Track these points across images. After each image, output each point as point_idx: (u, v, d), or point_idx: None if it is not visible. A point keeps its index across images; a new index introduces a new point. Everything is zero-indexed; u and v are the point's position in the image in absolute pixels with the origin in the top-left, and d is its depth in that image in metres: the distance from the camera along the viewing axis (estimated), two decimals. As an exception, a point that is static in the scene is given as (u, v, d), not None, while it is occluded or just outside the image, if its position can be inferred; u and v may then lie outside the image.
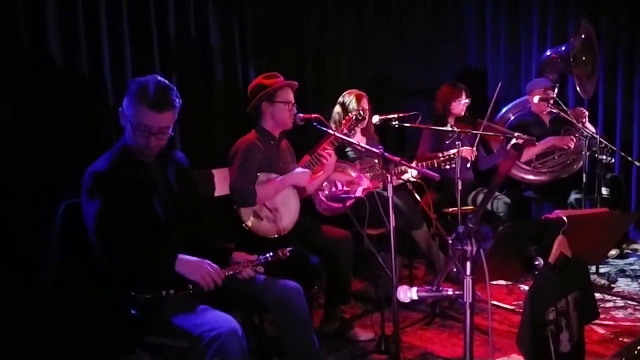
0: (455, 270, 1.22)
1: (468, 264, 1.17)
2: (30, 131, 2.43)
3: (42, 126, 2.48)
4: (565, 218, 1.57)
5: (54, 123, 2.52)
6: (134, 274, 1.72)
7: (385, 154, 2.14)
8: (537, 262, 1.57)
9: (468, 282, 1.18)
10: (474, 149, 3.30)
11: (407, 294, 1.36)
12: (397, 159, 2.14)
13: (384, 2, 4.25)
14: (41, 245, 2.18)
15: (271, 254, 1.94)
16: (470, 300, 1.18)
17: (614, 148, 3.36)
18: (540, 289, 1.57)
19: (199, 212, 2.05)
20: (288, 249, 1.96)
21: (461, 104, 3.50)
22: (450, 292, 1.31)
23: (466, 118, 3.55)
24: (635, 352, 1.34)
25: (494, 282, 3.22)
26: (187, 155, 2.10)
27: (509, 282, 3.28)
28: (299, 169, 2.63)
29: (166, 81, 1.81)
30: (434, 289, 1.32)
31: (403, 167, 2.96)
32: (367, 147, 2.56)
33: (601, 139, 3.29)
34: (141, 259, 1.73)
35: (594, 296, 1.82)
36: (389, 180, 2.10)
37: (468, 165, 3.31)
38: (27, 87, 2.43)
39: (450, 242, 1.19)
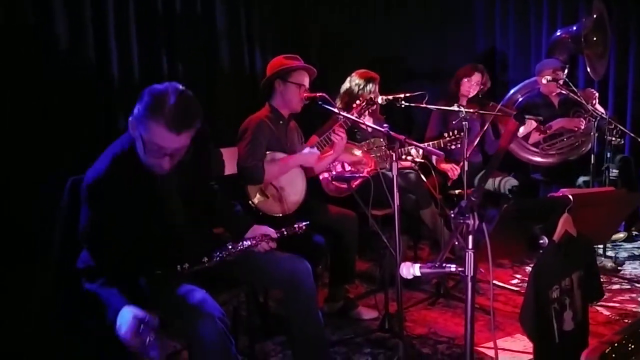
0: (457, 244, 1.22)
1: (470, 237, 1.17)
2: (32, 123, 2.44)
3: (44, 116, 2.49)
4: (570, 196, 1.56)
5: (56, 113, 2.53)
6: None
7: (391, 132, 2.13)
8: (541, 241, 1.57)
9: (470, 255, 1.18)
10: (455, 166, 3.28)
11: (409, 270, 1.36)
12: (402, 137, 2.14)
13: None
14: (41, 245, 2.14)
15: (287, 228, 1.94)
16: (472, 274, 1.18)
17: (624, 129, 3.31)
18: (545, 267, 1.57)
19: (209, 190, 1.99)
20: (304, 222, 1.95)
21: (471, 84, 3.45)
22: (452, 268, 1.31)
23: (478, 100, 3.51)
24: (639, 329, 1.33)
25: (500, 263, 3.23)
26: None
27: (515, 264, 3.29)
28: (307, 149, 2.64)
29: (188, 92, 1.56)
30: (436, 265, 1.32)
31: (409, 148, 2.96)
32: (374, 126, 2.56)
33: (611, 120, 3.25)
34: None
35: (599, 276, 1.81)
36: (394, 159, 2.09)
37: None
38: (29, 76, 2.43)
39: (452, 216, 1.18)
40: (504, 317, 2.59)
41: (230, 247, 1.84)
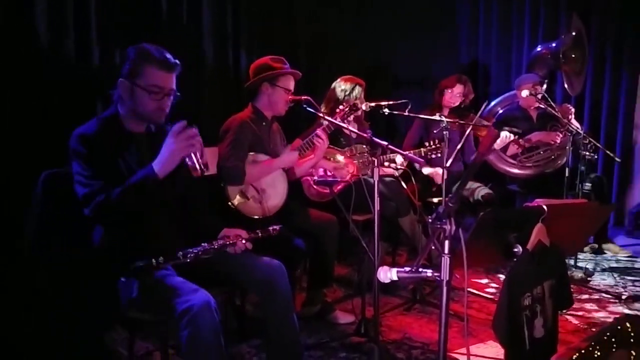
0: (434, 248, 1.24)
1: (446, 242, 1.19)
2: (33, 123, 2.42)
3: (44, 116, 2.46)
4: (545, 206, 1.60)
5: (56, 113, 2.50)
6: (119, 210, 1.70)
7: (374, 138, 2.16)
8: (516, 250, 1.61)
9: (445, 260, 1.20)
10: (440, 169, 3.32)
11: (387, 274, 1.38)
12: (384, 143, 2.16)
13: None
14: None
15: (261, 229, 1.95)
16: (447, 279, 1.21)
17: (598, 145, 3.41)
18: (518, 275, 1.60)
19: (189, 188, 2.01)
20: (278, 226, 1.97)
21: (453, 95, 3.51)
22: (429, 273, 1.33)
23: (459, 111, 3.57)
24: (605, 337, 1.38)
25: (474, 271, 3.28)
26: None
27: (489, 272, 3.35)
28: (286, 152, 2.64)
29: None
30: (413, 270, 1.34)
31: (393, 156, 3.00)
32: (357, 132, 2.58)
33: (585, 135, 3.35)
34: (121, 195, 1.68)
35: (569, 285, 1.86)
36: (376, 164, 2.12)
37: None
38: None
39: (430, 221, 1.21)
40: (478, 324, 2.63)
41: (205, 244, 1.84)
